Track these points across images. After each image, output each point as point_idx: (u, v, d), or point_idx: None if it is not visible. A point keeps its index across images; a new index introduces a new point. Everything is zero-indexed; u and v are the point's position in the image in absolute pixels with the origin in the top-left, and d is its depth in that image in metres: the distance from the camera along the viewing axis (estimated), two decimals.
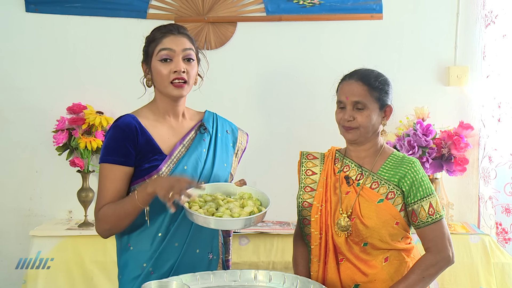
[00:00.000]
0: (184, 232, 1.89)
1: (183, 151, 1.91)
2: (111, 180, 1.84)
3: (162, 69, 1.87)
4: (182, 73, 1.87)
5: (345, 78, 1.97)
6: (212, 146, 1.98)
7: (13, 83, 3.10)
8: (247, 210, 1.78)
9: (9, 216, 3.12)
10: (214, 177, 1.94)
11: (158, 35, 1.90)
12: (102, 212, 1.84)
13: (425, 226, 1.89)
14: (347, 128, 1.92)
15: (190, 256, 1.90)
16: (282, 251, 2.84)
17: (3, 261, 3.12)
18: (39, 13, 3.07)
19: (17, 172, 3.13)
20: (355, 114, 1.90)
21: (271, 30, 3.12)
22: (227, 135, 2.06)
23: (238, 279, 1.74)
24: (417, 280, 1.85)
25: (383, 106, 1.94)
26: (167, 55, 1.87)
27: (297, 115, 3.15)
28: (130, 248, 1.91)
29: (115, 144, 1.86)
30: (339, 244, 1.90)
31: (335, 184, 1.96)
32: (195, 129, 1.98)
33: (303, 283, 1.69)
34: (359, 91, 1.90)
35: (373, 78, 1.92)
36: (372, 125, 1.91)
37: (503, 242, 3.06)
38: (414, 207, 1.89)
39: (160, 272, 1.86)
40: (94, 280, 2.81)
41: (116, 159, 1.84)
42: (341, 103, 1.93)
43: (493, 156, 3.04)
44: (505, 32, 3.00)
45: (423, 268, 1.86)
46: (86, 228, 2.94)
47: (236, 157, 2.08)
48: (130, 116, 1.91)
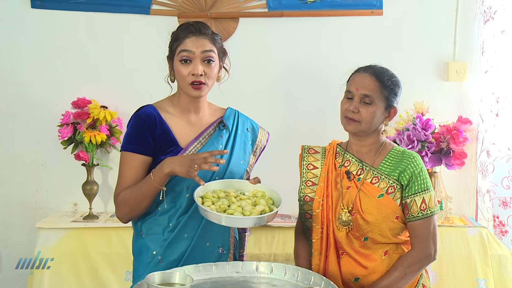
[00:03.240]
0: (195, 224, 1.90)
1: (198, 147, 1.92)
2: (130, 168, 1.87)
3: (182, 69, 1.89)
4: (200, 76, 1.88)
5: (359, 70, 1.95)
6: (230, 142, 1.99)
7: (19, 79, 3.11)
8: (259, 209, 1.77)
9: (16, 209, 3.14)
10: (229, 173, 1.95)
11: (181, 35, 1.91)
12: (120, 196, 1.87)
13: (415, 221, 1.89)
14: (349, 120, 1.90)
15: (199, 248, 1.91)
16: (283, 243, 2.85)
17: (11, 252, 3.14)
18: (44, 9, 3.06)
19: (23, 165, 3.14)
20: (360, 107, 1.88)
21: (273, 25, 3.11)
22: (247, 132, 2.06)
23: (240, 271, 1.75)
24: (400, 277, 1.86)
25: (389, 107, 1.93)
26: (186, 56, 1.89)
27: (298, 109, 3.15)
28: (143, 235, 1.93)
29: (135, 132, 1.89)
30: (339, 238, 1.90)
31: (336, 179, 1.96)
32: (214, 125, 1.99)
33: (304, 275, 1.69)
34: (370, 86, 1.89)
35: (387, 77, 1.91)
36: (374, 123, 1.90)
37: (500, 234, 3.06)
38: (407, 200, 1.89)
39: (168, 261, 1.88)
40: (99, 271, 2.82)
41: (136, 148, 1.87)
42: (350, 93, 1.92)
43: (491, 150, 3.04)
44: (503, 28, 2.99)
45: (406, 266, 1.87)
46: (91, 221, 2.94)
47: (254, 155, 2.09)
48: (151, 107, 1.93)
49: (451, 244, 2.83)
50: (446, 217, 2.93)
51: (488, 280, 2.80)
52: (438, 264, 2.80)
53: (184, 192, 1.88)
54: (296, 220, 2.13)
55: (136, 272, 1.94)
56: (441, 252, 2.49)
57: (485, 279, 2.80)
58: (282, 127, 3.13)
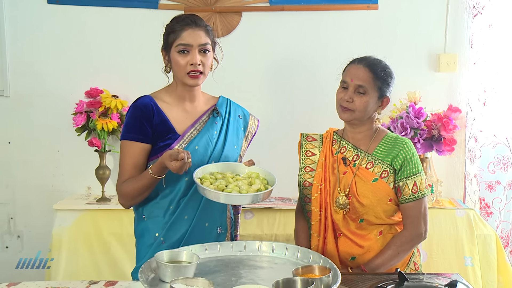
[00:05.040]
0: (194, 206, 1.90)
1: (194, 133, 1.91)
2: (130, 155, 1.86)
3: (179, 60, 1.87)
4: (198, 65, 1.87)
5: (354, 61, 1.94)
6: (224, 129, 1.98)
7: (37, 70, 3.11)
8: (255, 187, 1.78)
9: (35, 192, 3.16)
10: (224, 157, 1.94)
11: (177, 27, 1.88)
12: (123, 188, 1.86)
13: (407, 203, 1.89)
14: (344, 109, 1.90)
15: (199, 229, 1.91)
16: (284, 224, 2.85)
17: (31, 232, 3.17)
18: (60, 4, 3.06)
19: (41, 151, 3.15)
20: (355, 97, 1.88)
21: (274, 19, 3.09)
22: (239, 119, 2.05)
23: (244, 250, 1.74)
24: (393, 255, 1.87)
25: (382, 96, 1.92)
26: (184, 48, 1.87)
27: (299, 98, 3.14)
28: (145, 219, 1.93)
29: (134, 122, 1.88)
30: (337, 220, 1.91)
31: (333, 165, 1.95)
32: (208, 113, 1.98)
33: (304, 253, 1.69)
34: (364, 77, 1.87)
35: (380, 68, 1.90)
36: (367, 111, 1.90)
37: (485, 215, 3.09)
38: (400, 184, 1.89)
39: (170, 242, 1.88)
40: (112, 249, 2.84)
41: (135, 136, 1.86)
42: (345, 83, 1.91)
43: (479, 137, 3.06)
44: (491, 22, 2.99)
45: (398, 245, 1.88)
46: (103, 203, 2.95)
47: (246, 140, 2.08)
48: (148, 97, 1.92)
49: (440, 225, 2.84)
50: (437, 200, 2.94)
51: (474, 258, 2.82)
52: (428, 243, 2.81)
53: (183, 176, 1.87)
54: (295, 203, 2.12)
55: (140, 254, 1.94)
56: (431, 232, 2.48)
57: (471, 257, 2.82)
58: (286, 115, 3.13)
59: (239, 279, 1.53)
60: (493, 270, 2.83)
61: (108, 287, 1.68)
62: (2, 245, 3.18)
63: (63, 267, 2.79)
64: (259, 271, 1.60)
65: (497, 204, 3.08)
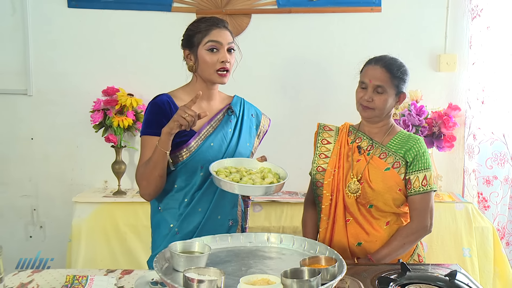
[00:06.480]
0: (208, 199, 1.89)
1: (210, 130, 1.90)
2: (150, 149, 1.82)
3: (208, 57, 1.85)
4: (227, 63, 1.85)
5: (371, 62, 1.94)
6: (238, 127, 1.97)
7: (57, 70, 3.12)
8: (267, 181, 1.77)
9: (55, 185, 3.18)
10: (237, 154, 1.93)
11: (204, 27, 1.86)
12: (138, 172, 1.84)
13: (415, 195, 1.89)
14: (365, 107, 1.91)
15: (212, 221, 1.90)
16: (291, 217, 2.84)
17: (52, 222, 3.19)
18: (79, 8, 3.06)
19: (61, 147, 3.17)
20: (374, 96, 1.89)
21: (282, 21, 3.08)
22: (252, 118, 2.04)
23: (253, 241, 1.73)
24: (399, 246, 1.87)
25: (399, 93, 1.93)
26: (215, 46, 1.84)
27: (306, 97, 3.14)
28: (161, 210, 1.92)
29: (152, 118, 1.85)
30: (349, 204, 1.91)
31: (348, 153, 1.96)
32: (223, 111, 1.96)
33: (311, 245, 1.67)
34: (382, 77, 1.88)
35: (396, 68, 1.90)
36: (386, 108, 1.91)
37: (483, 209, 3.09)
38: (411, 176, 1.90)
39: (184, 233, 1.87)
40: (127, 240, 2.85)
41: (154, 131, 1.82)
42: (363, 84, 1.91)
43: (477, 134, 3.04)
44: (489, 24, 2.97)
45: (404, 236, 1.88)
46: (119, 196, 2.96)
47: (258, 138, 2.07)
48: (166, 96, 1.89)
49: (440, 218, 2.83)
50: (437, 194, 2.93)
51: (472, 249, 2.82)
52: (428, 236, 2.74)
53: (199, 171, 1.86)
54: (302, 197, 2.10)
55: (155, 243, 1.93)
56: None
57: (469, 248, 2.82)
58: (293, 113, 3.12)
59: (248, 268, 1.52)
60: (490, 261, 2.83)
61: (124, 275, 1.68)
62: (26, 235, 3.21)
63: (83, 255, 2.80)
64: (268, 261, 1.59)
65: (494, 198, 3.07)
